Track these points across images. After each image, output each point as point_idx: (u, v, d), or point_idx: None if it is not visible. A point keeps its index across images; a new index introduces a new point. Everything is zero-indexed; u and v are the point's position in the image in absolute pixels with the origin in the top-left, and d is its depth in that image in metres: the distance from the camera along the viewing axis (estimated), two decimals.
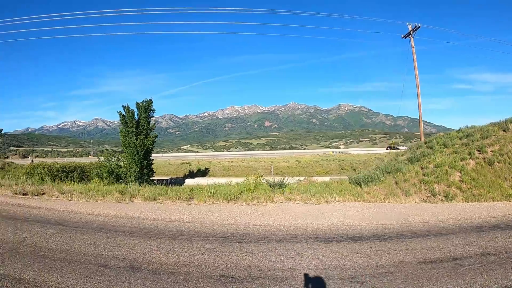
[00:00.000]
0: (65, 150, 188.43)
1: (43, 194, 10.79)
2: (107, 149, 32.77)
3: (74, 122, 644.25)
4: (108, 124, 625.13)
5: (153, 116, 28.58)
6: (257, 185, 10.35)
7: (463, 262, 4.78)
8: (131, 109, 27.14)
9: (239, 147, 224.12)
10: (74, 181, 19.01)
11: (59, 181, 17.59)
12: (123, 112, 26.91)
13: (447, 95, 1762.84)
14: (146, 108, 27.66)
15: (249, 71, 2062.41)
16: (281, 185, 10.21)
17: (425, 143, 17.44)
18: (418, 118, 25.06)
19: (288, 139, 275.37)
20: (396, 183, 11.85)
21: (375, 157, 51.63)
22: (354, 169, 43.65)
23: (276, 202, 9.03)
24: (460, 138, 16.07)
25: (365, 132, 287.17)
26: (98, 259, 4.87)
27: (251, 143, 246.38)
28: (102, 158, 27.63)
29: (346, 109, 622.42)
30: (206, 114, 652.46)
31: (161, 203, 9.31)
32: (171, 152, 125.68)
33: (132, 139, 26.09)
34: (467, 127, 18.22)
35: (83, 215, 7.93)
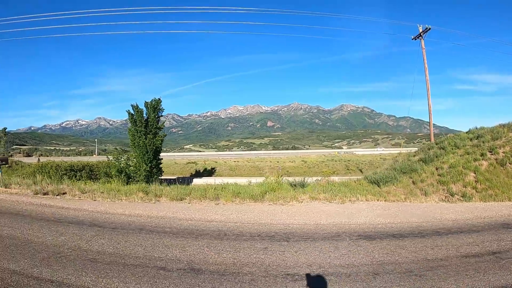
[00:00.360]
0: (68, 149, 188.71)
1: (64, 193, 10.63)
2: (116, 148, 32.68)
3: (77, 121, 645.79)
4: (110, 123, 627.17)
5: (162, 115, 28.62)
6: (279, 184, 10.48)
7: (502, 256, 5.02)
8: (140, 108, 27.17)
9: (241, 146, 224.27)
10: (83, 180, 18.85)
11: (72, 180, 17.37)
12: (132, 111, 26.90)
13: (449, 95, 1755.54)
14: (155, 107, 27.64)
15: (252, 70, 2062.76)
16: (302, 185, 10.35)
17: (437, 143, 17.55)
18: (426, 119, 25.33)
19: (291, 139, 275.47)
20: (413, 183, 11.99)
21: (380, 157, 51.76)
22: (360, 170, 43.69)
23: (302, 202, 9.12)
24: (471, 139, 16.19)
25: (367, 133, 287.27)
26: (153, 262, 4.78)
27: (253, 143, 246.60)
28: (111, 157, 27.71)
29: (348, 109, 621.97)
30: (208, 113, 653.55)
31: (189, 203, 9.28)
32: (174, 152, 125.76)
33: (141, 138, 26.09)
34: (476, 128, 18.32)
35: (115, 216, 7.83)
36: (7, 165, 19.50)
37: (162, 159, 28.48)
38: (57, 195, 10.40)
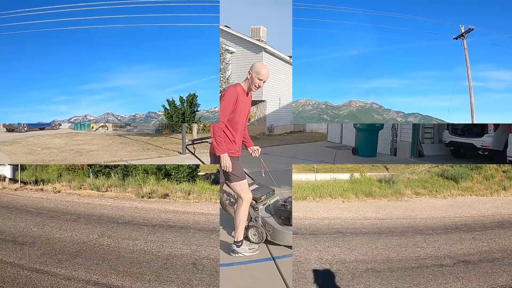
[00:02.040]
0: None
1: (167, 195, 9.49)
2: None
3: (85, 116, 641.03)
4: (119, 118, 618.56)
5: (198, 111, 28.09)
6: (370, 180, 10.66)
7: None
8: (177, 104, 26.91)
9: None
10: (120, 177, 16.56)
11: (108, 177, 14.45)
12: (167, 106, 26.45)
13: (455, 92, 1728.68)
14: (191, 102, 27.16)
15: None
16: (393, 181, 10.52)
17: None
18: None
19: None
20: (485, 178, 12.20)
21: None
22: (385, 166, 43.60)
23: (411, 197, 9.16)
24: None
25: None
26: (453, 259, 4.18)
27: None
28: None
29: (357, 105, 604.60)
30: (217, 109, 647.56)
31: (317, 202, 8.68)
32: None
33: None
34: None
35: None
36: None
37: None
38: (163, 198, 8.89)
